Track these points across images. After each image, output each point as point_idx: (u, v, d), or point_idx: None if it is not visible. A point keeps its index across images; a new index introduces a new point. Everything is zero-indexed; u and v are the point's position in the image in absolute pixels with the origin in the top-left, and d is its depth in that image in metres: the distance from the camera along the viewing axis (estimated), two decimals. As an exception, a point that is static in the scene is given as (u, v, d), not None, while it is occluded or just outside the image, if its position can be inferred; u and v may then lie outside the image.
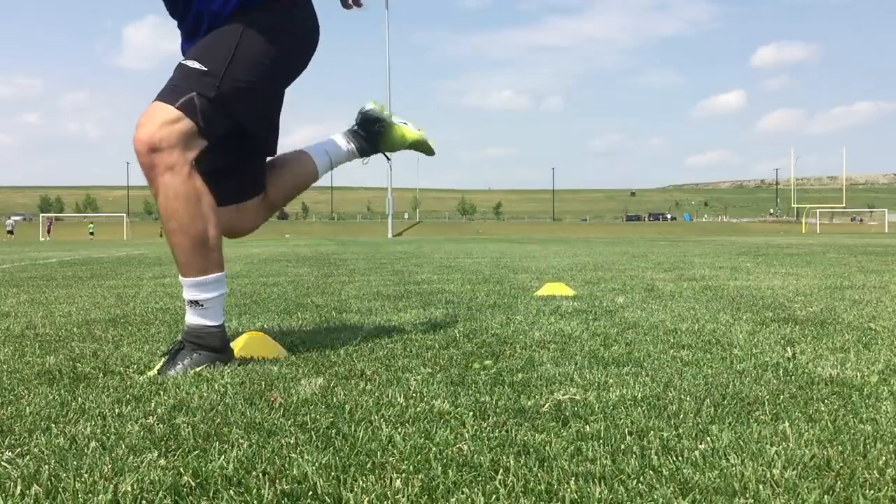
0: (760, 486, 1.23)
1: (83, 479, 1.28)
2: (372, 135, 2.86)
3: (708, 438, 1.49)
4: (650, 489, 1.23)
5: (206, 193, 2.26)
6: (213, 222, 2.29)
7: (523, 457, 1.39)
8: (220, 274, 2.34)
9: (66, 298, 4.74)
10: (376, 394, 1.90)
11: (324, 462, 1.36)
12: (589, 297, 4.43)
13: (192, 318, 2.32)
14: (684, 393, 1.89)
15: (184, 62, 2.28)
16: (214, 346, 2.31)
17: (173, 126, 2.18)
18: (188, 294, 2.31)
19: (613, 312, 3.62)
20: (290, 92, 2.60)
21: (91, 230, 68.74)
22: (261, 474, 1.30)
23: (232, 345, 2.50)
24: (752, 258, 9.62)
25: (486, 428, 1.58)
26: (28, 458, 1.41)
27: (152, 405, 1.80)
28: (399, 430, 1.57)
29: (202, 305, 2.30)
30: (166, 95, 2.22)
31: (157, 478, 1.28)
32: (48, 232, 63.36)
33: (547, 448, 1.44)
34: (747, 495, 1.20)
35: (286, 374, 2.14)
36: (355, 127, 2.88)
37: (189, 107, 2.20)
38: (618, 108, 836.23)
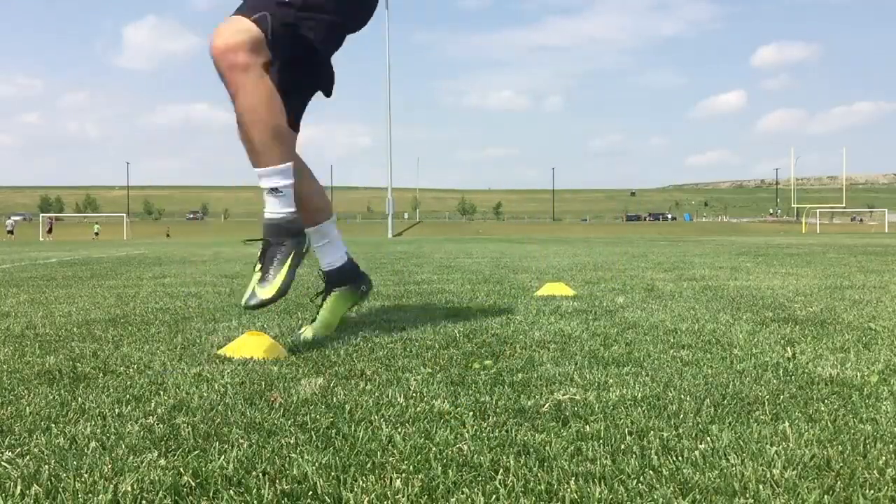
0: (760, 486, 1.23)
1: (83, 479, 1.28)
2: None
3: (708, 438, 1.49)
4: (650, 489, 1.23)
5: (277, 93, 2.50)
6: (284, 117, 2.54)
7: (523, 457, 1.39)
8: (292, 163, 2.59)
9: (66, 298, 4.74)
10: (376, 394, 1.90)
11: (324, 462, 1.36)
12: (589, 297, 4.43)
13: (273, 208, 2.57)
14: (684, 393, 1.89)
15: None
16: (295, 230, 2.60)
17: (246, 33, 2.41)
18: (268, 182, 2.54)
19: (613, 312, 3.62)
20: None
21: (97, 230, 68.63)
22: (261, 474, 1.30)
23: (232, 345, 2.51)
24: (752, 258, 9.62)
25: (486, 428, 1.58)
26: (28, 458, 1.41)
27: (152, 405, 1.80)
28: (399, 430, 1.57)
29: (281, 192, 2.55)
30: (243, 10, 2.48)
31: (157, 478, 1.28)
32: (48, 232, 63.02)
33: (547, 448, 1.44)
34: (747, 495, 1.20)
35: (286, 374, 2.14)
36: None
37: (262, 21, 2.43)
38: (618, 108, 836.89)
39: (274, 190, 2.54)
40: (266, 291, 2.54)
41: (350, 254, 3.03)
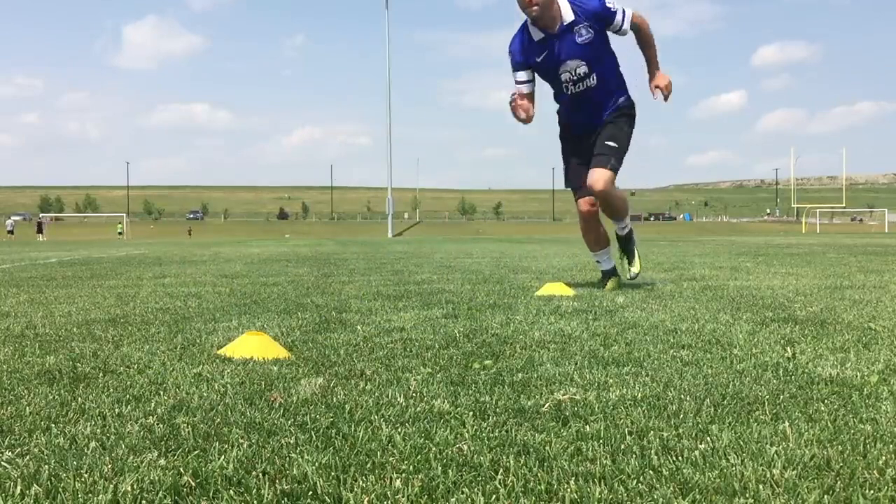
0: (760, 486, 1.23)
1: (83, 479, 1.28)
2: None
3: (708, 438, 1.49)
4: (650, 489, 1.23)
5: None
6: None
7: (523, 457, 1.39)
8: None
9: (66, 298, 4.74)
10: (376, 394, 1.90)
11: (324, 462, 1.36)
12: (589, 297, 4.43)
13: (624, 236, 5.04)
14: (684, 393, 1.89)
15: (607, 142, 4.60)
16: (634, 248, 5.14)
17: (609, 180, 4.59)
18: (622, 226, 5.02)
19: (613, 312, 3.62)
20: (289, 92, 2.63)
21: (120, 230, 67.98)
22: (261, 474, 1.30)
23: (232, 345, 2.51)
24: (752, 258, 9.62)
25: (486, 428, 1.58)
26: (28, 458, 1.41)
27: (152, 405, 1.80)
28: (399, 430, 1.57)
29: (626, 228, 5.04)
30: (605, 163, 4.56)
31: (157, 478, 1.28)
32: (39, 232, 62.20)
33: (547, 448, 1.44)
34: (747, 495, 1.20)
35: (286, 374, 2.14)
36: None
37: (612, 167, 4.58)
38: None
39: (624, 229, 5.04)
40: (636, 266, 5.08)
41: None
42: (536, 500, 1.20)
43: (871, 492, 1.21)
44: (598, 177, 4.48)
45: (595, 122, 4.65)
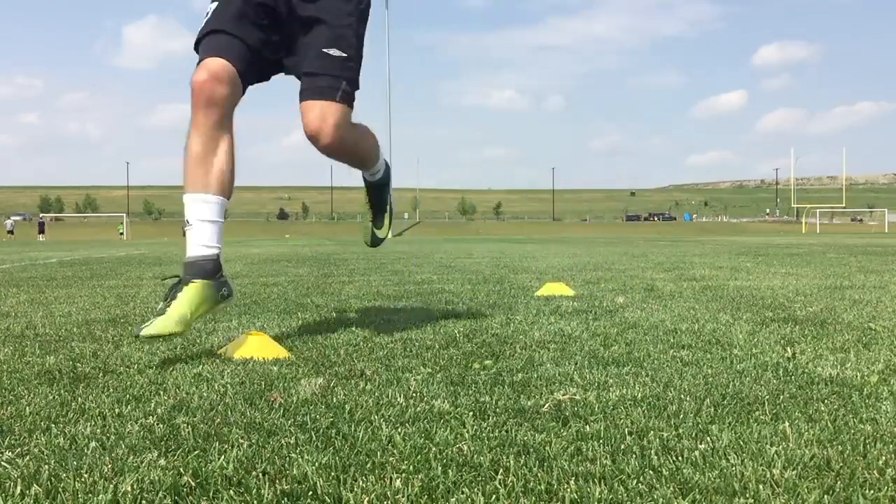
0: (760, 486, 1.23)
1: (83, 479, 1.28)
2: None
3: (708, 438, 1.49)
4: (650, 489, 1.23)
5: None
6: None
7: (523, 457, 1.39)
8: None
9: (66, 298, 4.74)
10: (376, 394, 1.90)
11: (324, 462, 1.36)
12: (589, 297, 4.43)
13: (375, 182, 3.21)
14: (684, 393, 1.89)
15: (326, 51, 2.65)
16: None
17: (343, 120, 2.67)
18: (372, 172, 3.15)
19: (613, 312, 3.62)
20: (289, 92, 2.62)
21: (121, 230, 67.78)
22: (261, 474, 1.30)
23: (232, 345, 2.51)
24: (751, 258, 9.62)
25: (486, 428, 1.58)
26: (28, 458, 1.41)
27: (152, 405, 1.80)
28: (399, 430, 1.57)
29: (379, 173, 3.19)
30: (331, 94, 2.64)
31: (157, 478, 1.28)
32: (41, 232, 62.14)
33: (547, 448, 1.44)
34: (747, 495, 1.20)
35: (286, 374, 2.14)
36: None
37: (344, 98, 2.66)
38: (619, 108, 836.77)
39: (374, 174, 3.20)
40: (384, 229, 3.35)
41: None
42: (536, 500, 1.20)
43: (871, 492, 1.21)
44: (322, 118, 2.61)
45: None
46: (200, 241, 2.59)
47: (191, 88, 2.56)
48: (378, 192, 3.26)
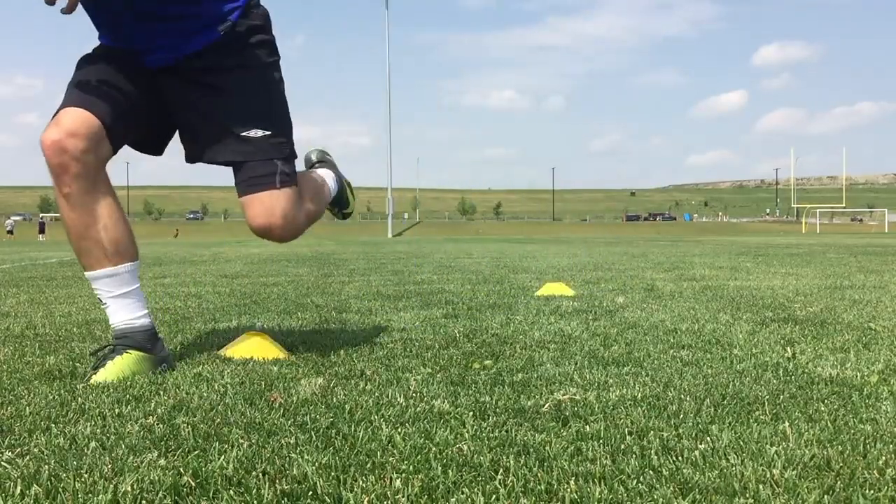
0: (760, 486, 1.23)
1: (83, 479, 1.28)
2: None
3: (708, 438, 1.49)
4: (650, 489, 1.23)
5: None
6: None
7: (523, 457, 1.39)
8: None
9: (66, 298, 4.74)
10: (376, 394, 1.90)
11: (324, 462, 1.36)
12: (589, 297, 4.44)
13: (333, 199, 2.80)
14: (684, 393, 1.89)
15: (245, 134, 2.29)
16: None
17: (290, 204, 2.34)
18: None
19: (613, 312, 3.62)
20: (289, 92, 2.61)
21: (177, 232, 67.20)
22: (261, 474, 1.30)
23: (232, 345, 2.51)
24: (751, 258, 9.62)
25: (486, 428, 1.58)
26: (28, 458, 1.41)
27: (152, 405, 1.80)
28: (399, 430, 1.57)
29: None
30: (271, 181, 2.31)
31: (157, 478, 1.28)
32: (41, 232, 62.00)
33: (547, 448, 1.44)
34: (747, 495, 1.20)
35: (286, 374, 2.14)
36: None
37: (285, 180, 2.33)
38: (619, 108, 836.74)
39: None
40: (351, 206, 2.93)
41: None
42: (536, 500, 1.20)
43: (871, 492, 1.21)
44: (268, 213, 2.31)
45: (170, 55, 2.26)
46: (123, 316, 2.29)
47: (42, 151, 2.12)
48: (338, 199, 2.84)
